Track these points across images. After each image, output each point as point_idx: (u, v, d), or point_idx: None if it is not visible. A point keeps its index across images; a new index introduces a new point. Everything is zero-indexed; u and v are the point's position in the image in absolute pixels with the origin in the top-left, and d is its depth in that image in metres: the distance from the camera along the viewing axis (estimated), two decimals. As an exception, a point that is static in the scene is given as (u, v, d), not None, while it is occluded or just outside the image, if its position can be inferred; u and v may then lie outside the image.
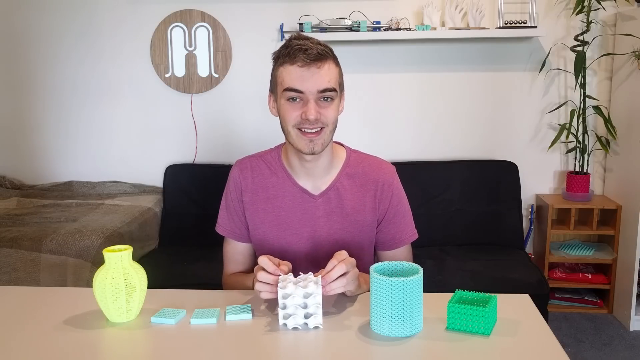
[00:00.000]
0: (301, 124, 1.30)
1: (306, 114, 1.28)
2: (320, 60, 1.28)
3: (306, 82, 1.27)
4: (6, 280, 2.31)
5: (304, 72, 1.27)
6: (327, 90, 1.29)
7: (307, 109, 1.28)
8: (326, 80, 1.28)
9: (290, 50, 1.28)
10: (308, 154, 1.33)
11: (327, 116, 1.30)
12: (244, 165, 1.46)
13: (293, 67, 1.27)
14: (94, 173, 3.23)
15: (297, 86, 1.28)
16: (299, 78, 1.27)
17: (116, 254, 1.16)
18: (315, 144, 1.31)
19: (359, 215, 1.42)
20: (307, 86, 1.27)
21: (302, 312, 1.13)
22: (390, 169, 1.47)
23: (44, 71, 3.17)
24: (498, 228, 2.96)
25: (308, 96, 1.28)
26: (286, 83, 1.29)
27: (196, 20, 3.05)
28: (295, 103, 1.30)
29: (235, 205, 1.45)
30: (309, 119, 1.28)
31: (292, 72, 1.28)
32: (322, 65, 1.28)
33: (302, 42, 1.28)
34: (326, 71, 1.29)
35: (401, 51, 3.05)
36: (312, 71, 1.27)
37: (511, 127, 3.09)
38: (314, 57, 1.26)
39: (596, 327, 2.78)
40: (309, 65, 1.27)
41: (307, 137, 1.30)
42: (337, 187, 1.42)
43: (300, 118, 1.29)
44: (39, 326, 1.17)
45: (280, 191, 1.42)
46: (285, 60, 1.28)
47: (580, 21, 2.90)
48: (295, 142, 1.32)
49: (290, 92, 1.29)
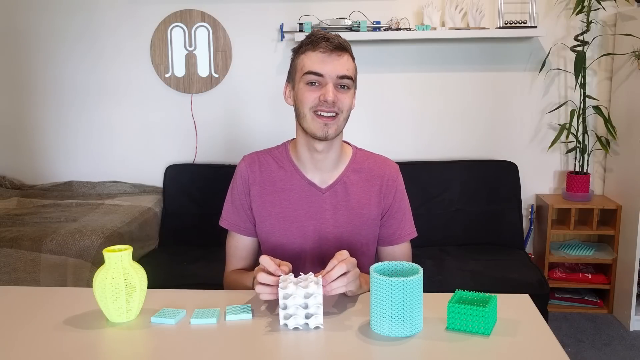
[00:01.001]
0: (318, 106, 1.34)
1: (325, 95, 1.33)
2: (341, 50, 1.35)
3: (327, 65, 1.33)
4: (6, 280, 2.31)
5: (325, 57, 1.33)
6: (345, 77, 1.35)
7: (325, 91, 1.33)
8: (345, 68, 1.35)
9: (313, 38, 1.35)
10: (322, 138, 1.36)
11: (344, 102, 1.36)
12: (252, 159, 1.48)
13: (315, 53, 1.34)
14: (94, 173, 3.23)
15: (317, 69, 1.33)
16: (320, 62, 1.33)
17: (116, 254, 1.16)
18: (330, 128, 1.35)
19: (364, 209, 1.44)
20: (327, 69, 1.33)
21: (303, 312, 1.13)
22: (395, 166, 1.51)
23: (44, 71, 3.17)
24: (498, 228, 2.96)
25: (327, 80, 1.34)
26: (307, 67, 1.34)
27: (196, 20, 3.05)
28: (314, 87, 1.35)
29: (241, 198, 1.46)
30: (327, 100, 1.32)
31: (313, 57, 1.34)
32: (342, 54, 1.35)
33: (324, 33, 1.36)
34: (345, 60, 1.35)
35: (401, 51, 3.05)
36: (332, 57, 1.34)
37: (511, 127, 3.09)
38: (335, 45, 1.34)
39: (596, 327, 2.78)
40: (331, 52, 1.34)
41: (322, 120, 1.34)
42: (344, 181, 1.45)
43: (318, 100, 1.34)
44: (39, 326, 1.17)
45: (288, 184, 1.44)
46: (307, 48, 1.36)
47: (580, 21, 2.90)
48: (310, 126, 1.36)
49: (310, 76, 1.34)
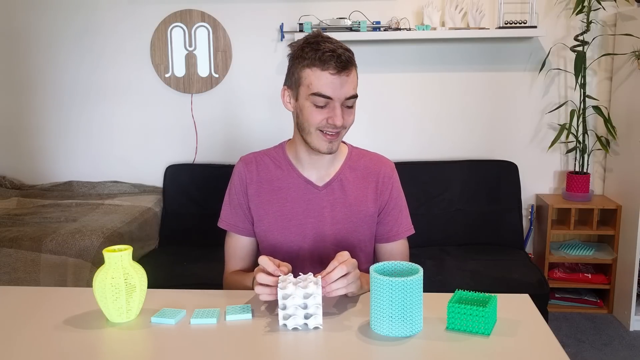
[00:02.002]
0: (325, 127, 1.33)
1: (333, 120, 1.31)
2: (349, 67, 1.31)
3: (337, 90, 1.30)
4: (6, 280, 2.31)
5: (335, 79, 1.29)
6: (352, 97, 1.33)
7: (334, 116, 1.31)
8: (352, 87, 1.32)
9: (321, 54, 1.28)
10: (326, 153, 1.37)
11: (349, 121, 1.36)
12: (249, 160, 1.49)
13: (324, 74, 1.29)
14: (94, 173, 3.23)
15: (328, 93, 1.30)
16: (329, 85, 1.29)
17: (116, 254, 1.16)
18: (334, 145, 1.36)
19: (361, 206, 1.45)
20: (338, 94, 1.30)
21: (302, 313, 1.13)
22: (390, 164, 1.52)
23: (44, 71, 3.17)
24: (498, 228, 2.96)
25: (335, 102, 1.31)
26: (315, 88, 1.30)
27: (196, 20, 3.05)
28: (322, 108, 1.32)
29: (239, 198, 1.47)
30: (336, 125, 1.31)
31: (322, 78, 1.29)
32: (350, 72, 1.31)
33: (331, 45, 1.29)
34: (352, 78, 1.33)
35: (401, 51, 3.05)
36: (342, 79, 1.30)
37: (511, 127, 3.09)
38: (344, 64, 1.29)
39: (596, 327, 2.78)
40: (340, 74, 1.29)
41: (327, 138, 1.34)
42: (340, 178, 1.45)
43: (326, 122, 1.32)
44: (39, 326, 1.17)
45: (285, 183, 1.45)
46: (314, 64, 1.29)
47: (580, 21, 2.90)
48: (314, 142, 1.36)
49: (318, 98, 1.30)
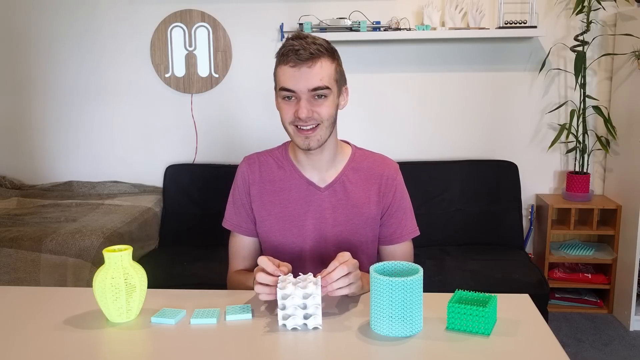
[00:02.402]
0: (295, 121, 1.35)
1: (298, 112, 1.33)
2: (312, 59, 1.31)
3: (297, 82, 1.32)
4: (6, 280, 2.31)
5: (295, 72, 1.32)
6: (319, 89, 1.33)
7: (299, 108, 1.33)
8: (317, 79, 1.32)
9: (284, 50, 1.34)
10: (305, 149, 1.38)
11: (321, 113, 1.35)
12: (252, 160, 1.50)
13: (285, 67, 1.33)
14: (94, 173, 3.23)
15: (288, 85, 1.33)
16: (290, 78, 1.32)
17: (116, 254, 1.16)
18: (311, 140, 1.36)
19: (363, 208, 1.45)
20: (298, 86, 1.32)
21: (302, 313, 1.13)
22: (394, 165, 1.51)
23: (44, 71, 3.17)
24: (498, 228, 2.96)
25: (300, 95, 1.33)
26: (280, 82, 1.35)
27: (196, 20, 3.05)
28: (289, 102, 1.35)
29: (242, 198, 1.48)
30: (300, 117, 1.33)
31: (285, 72, 1.33)
32: (313, 64, 1.32)
33: (296, 42, 1.32)
34: (318, 70, 1.32)
35: (401, 51, 3.05)
36: (302, 71, 1.31)
37: (511, 127, 3.09)
38: (304, 57, 1.31)
39: (596, 327, 2.78)
40: (300, 66, 1.31)
41: (303, 134, 1.36)
42: (342, 180, 1.45)
43: (294, 116, 1.34)
44: (39, 326, 1.17)
45: (287, 184, 1.45)
46: (280, 60, 1.35)
47: (580, 21, 2.90)
48: (293, 138, 1.39)
49: (284, 92, 1.35)
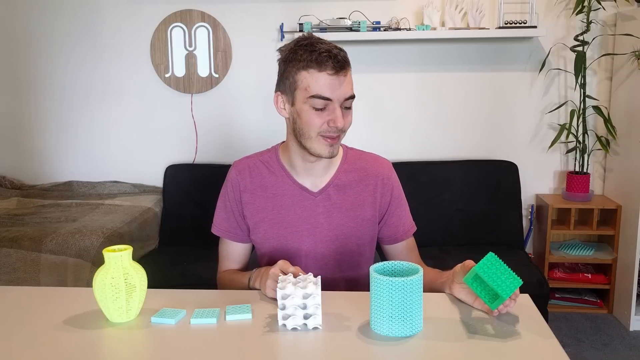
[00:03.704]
0: (327, 131, 1.30)
1: (335, 122, 1.29)
2: (346, 67, 1.29)
3: (336, 90, 1.27)
4: (6, 280, 2.31)
5: (334, 80, 1.27)
6: (351, 98, 1.31)
7: (335, 117, 1.29)
8: (350, 87, 1.30)
9: (317, 55, 1.25)
10: (327, 157, 1.34)
11: (348, 122, 1.33)
12: (242, 166, 1.46)
13: (322, 75, 1.26)
14: (94, 173, 3.23)
15: (327, 94, 1.27)
16: (328, 86, 1.27)
17: (116, 254, 1.16)
18: (334, 148, 1.34)
19: (358, 210, 1.43)
20: (337, 95, 1.28)
21: (302, 313, 1.13)
22: (387, 163, 1.50)
23: (44, 71, 3.17)
24: (498, 228, 2.96)
25: (335, 104, 1.29)
26: (314, 90, 1.27)
27: (196, 20, 3.05)
28: (321, 110, 1.29)
29: (233, 205, 1.45)
30: (337, 127, 1.29)
31: (320, 80, 1.26)
32: (347, 72, 1.29)
33: (326, 46, 1.27)
34: (349, 79, 1.31)
35: (401, 51, 3.05)
36: (340, 79, 1.28)
37: (511, 127, 3.09)
38: (341, 64, 1.26)
39: (596, 327, 2.78)
40: (338, 74, 1.27)
41: (328, 142, 1.32)
42: (336, 183, 1.43)
43: (327, 125, 1.30)
44: (39, 326, 1.17)
45: (280, 190, 1.43)
46: (310, 65, 1.26)
47: (580, 21, 2.90)
48: (315, 147, 1.33)
49: (318, 100, 1.27)
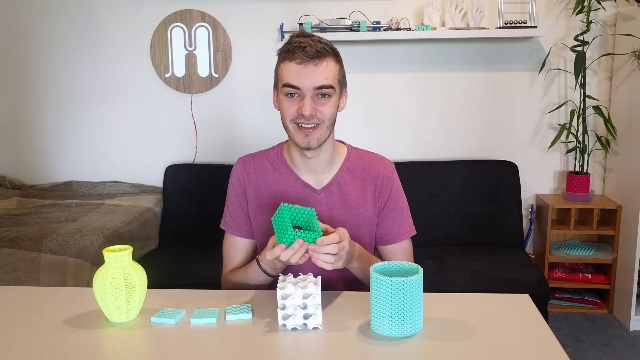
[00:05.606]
0: (297, 119, 1.34)
1: (301, 109, 1.32)
2: (318, 57, 1.31)
3: (303, 78, 1.31)
4: (6, 280, 2.31)
5: (302, 69, 1.31)
6: (324, 87, 1.33)
7: (302, 105, 1.32)
8: (323, 77, 1.32)
9: (290, 47, 1.32)
10: (304, 149, 1.36)
11: (324, 112, 1.34)
12: (247, 162, 1.49)
13: (292, 64, 1.32)
14: (94, 173, 3.23)
15: (294, 82, 1.32)
16: (296, 74, 1.31)
17: (116, 254, 1.16)
18: (311, 139, 1.35)
19: (360, 209, 1.44)
20: (304, 82, 1.31)
21: (302, 313, 1.13)
22: (390, 164, 1.51)
23: (44, 71, 3.17)
24: (498, 228, 2.96)
25: (304, 92, 1.32)
26: (285, 79, 1.33)
27: (196, 20, 3.05)
28: (292, 98, 1.34)
29: (239, 200, 1.47)
30: (304, 115, 1.32)
31: (290, 69, 1.32)
32: (319, 62, 1.31)
33: (302, 39, 1.32)
34: (324, 68, 1.32)
35: (401, 51, 3.05)
36: (309, 68, 1.31)
37: (511, 127, 3.09)
38: (312, 54, 1.30)
39: (596, 327, 2.78)
40: (307, 63, 1.31)
41: (303, 132, 1.34)
42: (338, 181, 1.45)
43: (297, 113, 1.33)
44: (39, 326, 1.17)
45: (283, 186, 1.45)
46: (285, 57, 1.33)
47: (580, 21, 2.90)
48: (293, 136, 1.37)
49: (288, 88, 1.33)
